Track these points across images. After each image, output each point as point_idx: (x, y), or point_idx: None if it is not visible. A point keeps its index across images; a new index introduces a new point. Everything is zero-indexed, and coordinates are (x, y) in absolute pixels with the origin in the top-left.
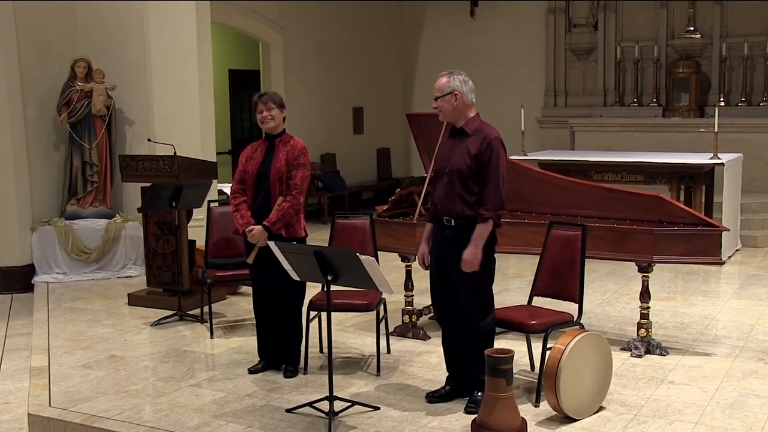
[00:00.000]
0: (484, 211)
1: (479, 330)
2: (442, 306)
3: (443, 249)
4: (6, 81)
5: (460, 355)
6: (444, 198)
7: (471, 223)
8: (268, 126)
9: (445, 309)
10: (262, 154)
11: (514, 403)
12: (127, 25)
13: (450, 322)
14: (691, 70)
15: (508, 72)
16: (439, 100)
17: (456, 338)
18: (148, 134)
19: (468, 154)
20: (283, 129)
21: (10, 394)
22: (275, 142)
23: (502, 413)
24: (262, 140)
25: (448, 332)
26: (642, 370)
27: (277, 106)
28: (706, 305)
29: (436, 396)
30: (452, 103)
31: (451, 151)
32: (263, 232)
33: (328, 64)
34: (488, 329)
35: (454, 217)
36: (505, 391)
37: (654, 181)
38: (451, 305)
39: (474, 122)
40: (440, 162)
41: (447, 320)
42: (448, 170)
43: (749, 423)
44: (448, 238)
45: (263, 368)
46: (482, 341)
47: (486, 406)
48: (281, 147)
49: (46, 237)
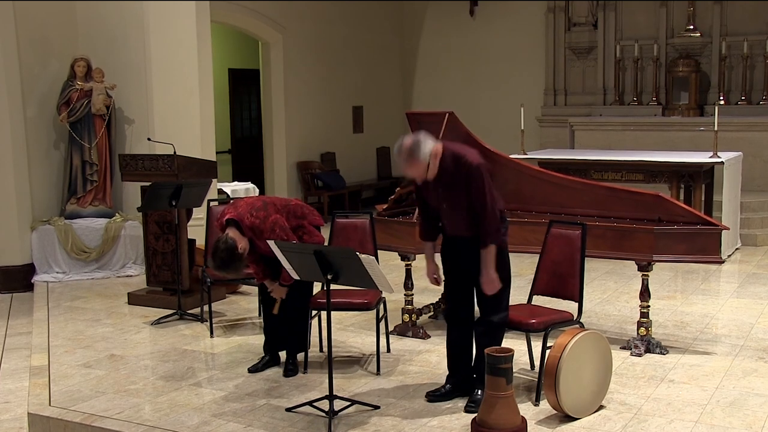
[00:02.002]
0: (486, 238)
1: (492, 323)
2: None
3: (463, 259)
4: (6, 80)
5: (465, 355)
6: (454, 223)
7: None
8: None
9: (456, 304)
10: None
11: (513, 402)
12: (126, 25)
13: (461, 324)
14: (690, 68)
15: (508, 71)
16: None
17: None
18: (148, 133)
19: (455, 192)
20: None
21: (10, 394)
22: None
23: (502, 412)
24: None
25: (456, 333)
26: (642, 368)
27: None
28: (706, 304)
29: (435, 395)
30: (434, 163)
31: (437, 191)
32: (283, 289)
33: (328, 63)
34: (501, 323)
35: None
36: (505, 390)
37: (654, 179)
38: (467, 310)
39: (446, 159)
40: (432, 200)
41: (457, 316)
42: (446, 206)
43: (749, 422)
44: (465, 245)
45: (263, 367)
46: (495, 335)
47: (486, 405)
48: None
49: (45, 236)
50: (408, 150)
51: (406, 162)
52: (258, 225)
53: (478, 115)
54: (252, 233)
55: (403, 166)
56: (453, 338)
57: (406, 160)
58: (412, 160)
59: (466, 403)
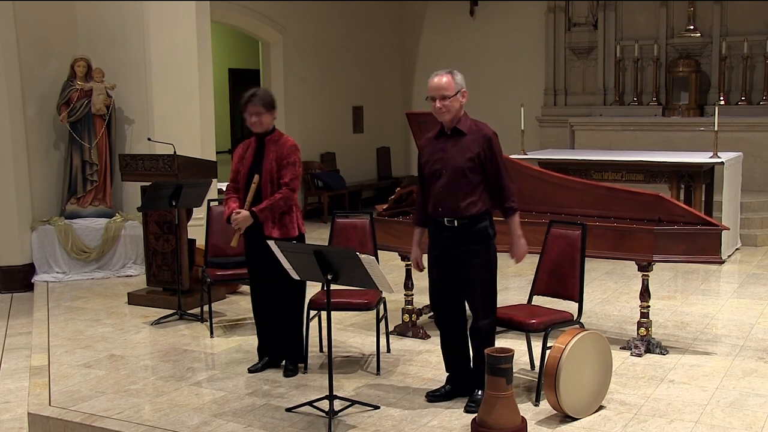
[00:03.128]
0: (512, 203)
1: (481, 329)
2: (442, 308)
3: (445, 250)
4: (6, 80)
5: (460, 356)
6: (445, 198)
7: (473, 222)
8: (256, 130)
9: (445, 311)
10: (252, 153)
11: (514, 401)
12: (127, 25)
13: (449, 323)
14: (690, 69)
15: (508, 71)
16: (448, 99)
17: (456, 340)
18: (148, 133)
19: (468, 152)
20: (273, 128)
21: (10, 394)
22: (265, 140)
23: (502, 412)
24: (253, 138)
25: (448, 334)
26: (642, 369)
27: (265, 109)
28: (706, 304)
29: (436, 395)
30: (461, 101)
31: (444, 151)
32: (248, 218)
33: (328, 62)
34: (491, 327)
35: (457, 217)
36: (505, 390)
37: (654, 180)
38: (452, 307)
39: (467, 120)
40: (434, 163)
41: (447, 322)
42: (446, 170)
43: (749, 422)
44: (450, 239)
45: (263, 367)
46: (486, 340)
47: (486, 405)
48: (271, 146)
49: (45, 236)
50: (450, 71)
51: (446, 78)
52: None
53: (478, 115)
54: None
55: (436, 85)
56: (446, 341)
57: (446, 75)
58: (451, 76)
59: (466, 403)
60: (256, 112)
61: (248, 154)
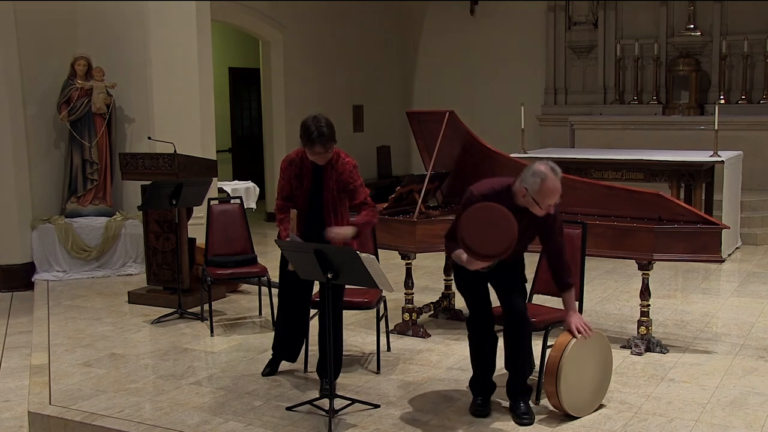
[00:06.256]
0: (570, 282)
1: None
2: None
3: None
4: (6, 79)
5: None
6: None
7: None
8: (320, 163)
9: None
10: (310, 178)
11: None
12: (127, 23)
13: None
14: (691, 67)
15: (508, 70)
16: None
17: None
18: (148, 132)
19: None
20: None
21: (11, 392)
22: (323, 165)
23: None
24: (304, 156)
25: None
26: (642, 367)
27: (334, 144)
28: (706, 303)
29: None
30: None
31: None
32: (352, 230)
33: (328, 61)
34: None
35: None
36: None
37: (654, 178)
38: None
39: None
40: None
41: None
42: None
43: (749, 420)
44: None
45: (272, 371)
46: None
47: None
48: (330, 172)
49: (46, 235)
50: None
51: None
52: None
53: (479, 114)
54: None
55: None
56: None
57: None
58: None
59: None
60: (324, 151)
61: (305, 181)
